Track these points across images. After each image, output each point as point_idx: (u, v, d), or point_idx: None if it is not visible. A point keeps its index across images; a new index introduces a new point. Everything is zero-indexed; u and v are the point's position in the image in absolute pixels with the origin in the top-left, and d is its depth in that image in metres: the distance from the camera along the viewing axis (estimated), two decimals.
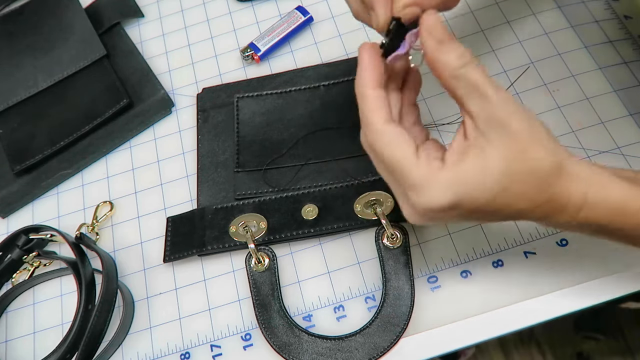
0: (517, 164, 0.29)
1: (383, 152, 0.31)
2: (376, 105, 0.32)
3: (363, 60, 0.33)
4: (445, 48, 0.30)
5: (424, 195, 0.30)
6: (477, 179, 0.29)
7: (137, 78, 0.59)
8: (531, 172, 0.29)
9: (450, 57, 0.30)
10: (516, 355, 1.07)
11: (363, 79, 0.33)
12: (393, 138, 0.31)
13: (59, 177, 0.56)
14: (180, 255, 0.49)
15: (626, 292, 0.42)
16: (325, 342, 0.43)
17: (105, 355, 0.46)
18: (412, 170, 0.30)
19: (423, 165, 0.30)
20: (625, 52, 0.51)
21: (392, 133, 0.31)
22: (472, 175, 0.29)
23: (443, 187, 0.30)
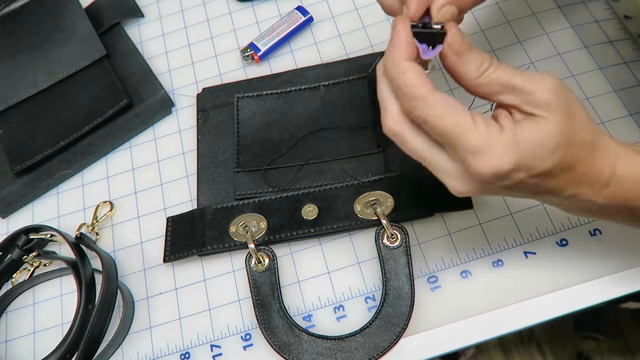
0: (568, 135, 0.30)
1: (438, 121, 0.30)
2: (419, 76, 0.31)
3: (399, 31, 0.32)
4: (464, 61, 0.31)
5: (486, 159, 0.29)
6: (538, 143, 0.30)
7: (137, 78, 0.59)
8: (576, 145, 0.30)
9: (470, 67, 0.31)
10: (516, 355, 1.07)
11: (399, 50, 0.31)
12: (447, 106, 0.30)
13: (59, 177, 0.56)
14: (180, 255, 0.49)
15: (626, 292, 0.42)
16: (325, 342, 0.43)
17: (105, 355, 0.46)
18: (472, 135, 0.30)
19: (482, 129, 0.30)
20: (625, 52, 0.51)
21: (445, 101, 0.30)
22: (532, 139, 0.30)
23: (506, 150, 0.29)
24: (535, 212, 0.46)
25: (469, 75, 0.31)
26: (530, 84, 0.30)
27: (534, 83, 0.30)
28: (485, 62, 0.31)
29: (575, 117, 0.30)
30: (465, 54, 0.31)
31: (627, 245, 0.43)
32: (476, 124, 0.30)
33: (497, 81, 0.30)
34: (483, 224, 0.46)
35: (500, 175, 0.30)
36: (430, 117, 0.30)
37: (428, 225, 0.47)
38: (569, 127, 0.30)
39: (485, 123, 0.30)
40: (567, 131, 0.30)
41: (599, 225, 0.45)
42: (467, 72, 0.31)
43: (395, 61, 0.31)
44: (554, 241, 0.45)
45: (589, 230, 0.45)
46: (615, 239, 0.44)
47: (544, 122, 0.30)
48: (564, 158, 0.30)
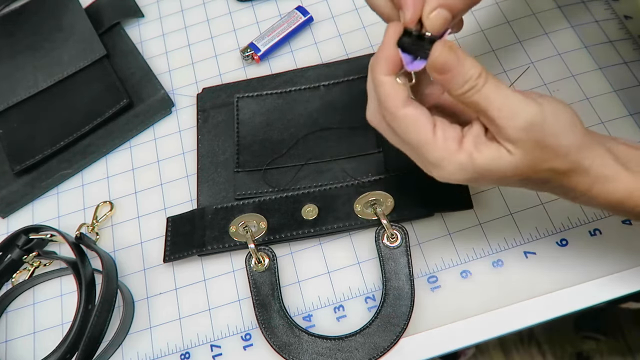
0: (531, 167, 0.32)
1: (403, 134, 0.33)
2: (393, 91, 0.32)
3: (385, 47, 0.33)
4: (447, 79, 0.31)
5: (441, 172, 0.32)
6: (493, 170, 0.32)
7: (137, 78, 0.59)
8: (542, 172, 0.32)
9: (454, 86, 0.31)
10: (516, 355, 1.07)
11: (380, 66, 0.33)
12: (413, 121, 0.32)
13: (59, 177, 0.56)
14: (180, 255, 0.49)
15: (626, 292, 0.42)
16: (325, 342, 0.43)
17: (105, 355, 0.46)
18: (430, 149, 0.32)
19: (440, 144, 0.32)
20: (625, 52, 0.51)
21: (411, 116, 0.32)
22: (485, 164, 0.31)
23: (458, 168, 0.32)
24: (535, 212, 0.46)
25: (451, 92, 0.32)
26: (504, 119, 0.30)
27: (507, 119, 0.30)
28: (469, 83, 0.31)
29: (548, 149, 0.31)
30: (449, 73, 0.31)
31: (627, 245, 0.43)
32: (435, 138, 0.32)
33: (475, 106, 0.31)
34: (483, 224, 0.46)
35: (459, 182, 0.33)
36: (397, 128, 0.33)
37: (428, 225, 0.47)
38: (533, 162, 0.31)
39: (444, 137, 0.32)
40: (529, 165, 0.31)
41: (599, 225, 0.45)
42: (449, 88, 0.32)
43: (375, 72, 0.33)
44: (554, 241, 0.45)
45: (589, 230, 0.45)
46: (615, 239, 0.44)
47: (505, 154, 0.31)
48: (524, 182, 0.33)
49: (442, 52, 0.31)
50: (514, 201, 0.47)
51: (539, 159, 0.31)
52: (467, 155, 0.31)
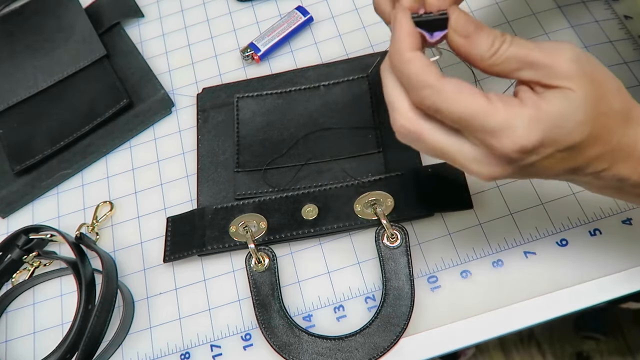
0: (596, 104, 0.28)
1: (452, 107, 0.28)
2: (425, 64, 0.29)
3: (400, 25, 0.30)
4: (473, 42, 0.29)
5: (510, 137, 0.28)
6: (565, 115, 0.28)
7: (137, 78, 0.59)
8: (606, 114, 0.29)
9: (482, 49, 0.29)
10: (516, 355, 1.07)
11: (403, 42, 0.30)
12: (459, 90, 0.28)
13: (59, 177, 0.56)
14: (180, 255, 0.49)
15: (627, 292, 0.42)
16: (325, 342, 0.43)
17: (105, 355, 0.46)
18: (492, 115, 0.28)
19: (500, 107, 0.28)
20: (625, 52, 0.51)
21: (456, 85, 0.29)
22: (558, 111, 0.28)
23: (530, 124, 0.28)
24: (535, 212, 0.46)
25: (481, 57, 0.29)
26: (549, 56, 0.28)
27: (552, 55, 0.28)
28: (497, 40, 0.29)
29: (602, 85, 0.29)
30: (473, 35, 0.29)
31: (627, 245, 0.43)
32: (493, 103, 0.28)
33: (513, 58, 0.29)
34: (483, 224, 0.46)
35: (526, 150, 0.28)
36: (443, 104, 0.29)
37: (428, 225, 0.47)
38: (596, 96, 0.28)
39: (502, 100, 0.28)
40: (594, 100, 0.28)
41: (599, 225, 0.45)
42: (478, 54, 0.29)
43: (400, 52, 0.30)
44: (554, 241, 0.45)
45: (589, 230, 0.45)
46: (615, 239, 0.44)
47: (570, 93, 0.28)
48: (594, 129, 0.28)
49: (460, 14, 0.30)
50: (514, 201, 0.47)
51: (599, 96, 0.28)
52: (535, 108, 0.28)
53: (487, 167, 0.30)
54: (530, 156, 0.29)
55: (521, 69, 0.29)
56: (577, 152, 0.29)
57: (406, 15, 0.31)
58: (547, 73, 0.28)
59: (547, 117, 0.28)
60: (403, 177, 0.48)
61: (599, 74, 0.29)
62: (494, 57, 0.29)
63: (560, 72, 0.28)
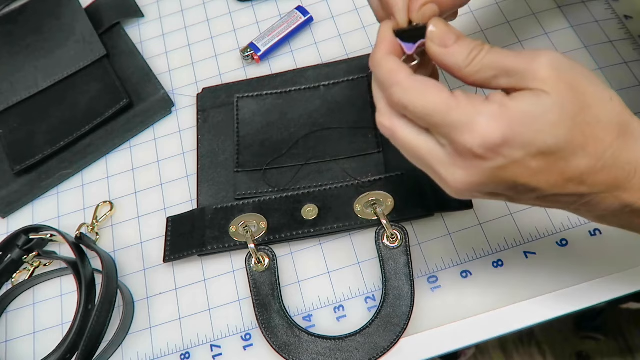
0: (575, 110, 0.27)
1: (417, 103, 0.29)
2: (395, 64, 0.30)
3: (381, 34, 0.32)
4: (450, 51, 0.30)
5: (471, 130, 0.27)
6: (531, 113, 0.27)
7: (137, 78, 0.59)
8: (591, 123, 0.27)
9: (459, 58, 0.30)
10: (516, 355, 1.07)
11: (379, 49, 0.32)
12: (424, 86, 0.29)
13: (59, 177, 0.56)
14: (180, 255, 0.49)
15: (626, 292, 0.42)
16: (325, 342, 0.43)
17: (105, 355, 0.46)
18: (454, 110, 0.28)
19: (463, 102, 0.28)
20: (625, 52, 0.51)
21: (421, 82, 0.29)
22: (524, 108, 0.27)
23: (491, 118, 0.27)
24: (535, 212, 0.46)
25: (458, 66, 0.30)
26: (525, 62, 0.28)
27: (529, 61, 0.28)
28: (475, 50, 0.29)
29: (585, 93, 0.27)
30: (450, 45, 0.30)
31: (627, 245, 0.44)
32: (456, 98, 0.28)
33: (489, 66, 0.29)
34: (483, 224, 0.46)
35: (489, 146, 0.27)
36: (408, 101, 0.29)
37: (428, 225, 0.47)
38: (577, 103, 0.27)
39: (467, 96, 0.28)
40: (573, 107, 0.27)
41: (599, 225, 0.45)
42: (455, 63, 0.30)
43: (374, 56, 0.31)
44: (554, 241, 0.45)
45: (589, 230, 0.45)
46: (615, 239, 0.44)
47: (542, 95, 0.27)
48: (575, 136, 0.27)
49: (438, 23, 0.30)
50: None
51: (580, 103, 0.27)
52: (500, 104, 0.27)
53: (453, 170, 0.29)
54: (497, 156, 0.27)
55: (497, 77, 0.29)
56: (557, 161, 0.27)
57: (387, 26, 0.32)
58: (521, 77, 0.28)
59: (511, 114, 0.27)
60: (403, 177, 0.48)
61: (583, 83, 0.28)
62: (470, 65, 0.29)
63: (535, 76, 0.27)
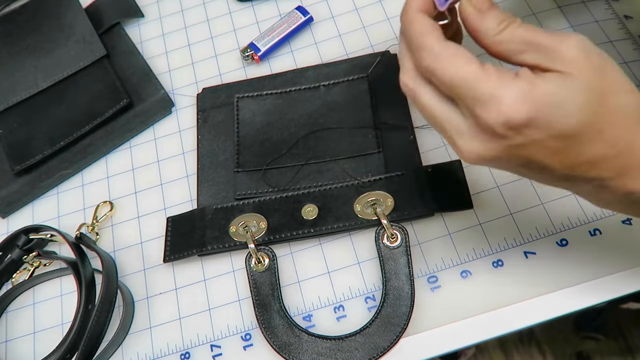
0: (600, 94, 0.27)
1: (445, 71, 0.28)
2: (427, 26, 0.29)
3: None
4: (484, 17, 0.29)
5: (496, 106, 0.26)
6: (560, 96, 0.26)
7: (137, 78, 0.59)
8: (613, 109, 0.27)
9: (490, 24, 0.29)
10: (516, 355, 1.07)
11: (412, 4, 0.30)
12: (455, 55, 0.28)
13: (59, 177, 0.56)
14: (180, 255, 0.49)
15: (626, 292, 0.42)
16: (325, 342, 0.43)
17: (105, 355, 0.46)
18: (482, 82, 0.27)
19: (493, 76, 0.27)
20: (625, 52, 0.51)
21: (452, 50, 0.28)
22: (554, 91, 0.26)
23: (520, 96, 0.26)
24: (535, 212, 0.46)
25: (489, 32, 0.29)
26: (555, 41, 0.27)
27: (558, 41, 0.27)
28: (506, 20, 0.29)
29: (612, 79, 0.27)
30: (486, 10, 0.29)
31: (627, 245, 0.44)
32: (486, 71, 0.27)
33: (519, 38, 0.28)
34: (483, 224, 0.46)
35: (513, 125, 0.26)
36: (437, 67, 0.28)
37: (428, 225, 0.47)
38: (603, 88, 0.27)
39: (497, 70, 0.27)
40: (599, 91, 0.27)
41: (599, 225, 0.45)
42: (486, 28, 0.29)
43: (406, 12, 0.30)
44: (554, 241, 0.45)
45: (589, 230, 0.45)
46: (615, 239, 0.44)
47: (570, 78, 0.27)
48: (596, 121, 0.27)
49: None
50: (514, 201, 0.47)
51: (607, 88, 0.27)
52: (529, 82, 0.27)
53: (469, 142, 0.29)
54: (518, 136, 0.27)
55: (525, 51, 0.28)
56: (575, 144, 0.27)
57: None
58: (549, 57, 0.27)
59: (540, 94, 0.26)
60: (403, 177, 0.48)
61: (609, 69, 0.28)
62: (501, 34, 0.29)
63: (563, 56, 0.27)
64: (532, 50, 0.28)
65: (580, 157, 0.28)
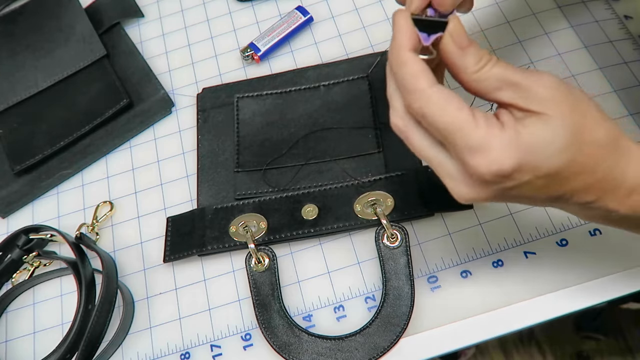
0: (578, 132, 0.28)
1: (436, 117, 0.29)
2: (419, 69, 0.29)
3: (400, 24, 0.31)
4: (464, 54, 0.30)
5: (485, 157, 0.28)
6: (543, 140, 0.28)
7: (137, 78, 0.59)
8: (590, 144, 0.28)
9: (470, 61, 0.30)
10: (516, 355, 1.07)
11: (399, 42, 0.30)
12: (447, 100, 0.29)
13: (59, 177, 0.56)
14: (180, 255, 0.49)
15: (626, 292, 0.42)
16: (325, 342, 0.43)
17: (105, 355, 0.46)
18: (472, 131, 0.28)
19: (482, 125, 0.28)
20: (625, 52, 0.51)
21: (444, 95, 0.29)
22: (536, 136, 0.28)
23: (507, 147, 0.27)
24: (535, 212, 0.46)
25: (468, 69, 0.30)
26: (530, 80, 0.29)
27: (533, 80, 0.29)
28: (485, 57, 0.30)
29: (584, 114, 0.29)
30: (466, 47, 0.30)
31: (627, 245, 0.44)
32: (476, 120, 0.28)
33: (496, 76, 0.29)
34: (483, 224, 0.46)
35: (502, 174, 0.28)
36: (428, 111, 0.29)
37: (428, 225, 0.47)
38: (578, 125, 0.28)
39: (485, 119, 0.28)
40: (576, 128, 0.28)
41: (599, 225, 0.45)
42: (466, 66, 0.30)
43: (396, 52, 0.30)
44: (554, 241, 0.45)
45: (589, 230, 0.45)
46: (615, 239, 0.44)
47: (547, 119, 0.28)
48: (577, 158, 0.28)
49: (458, 22, 0.30)
50: None
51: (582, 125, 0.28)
52: (514, 131, 0.28)
53: (462, 187, 0.30)
54: (507, 181, 0.28)
55: (501, 89, 0.29)
56: (559, 180, 0.29)
57: (406, 14, 0.31)
58: (525, 95, 0.29)
59: (524, 142, 0.28)
60: (403, 177, 0.48)
61: (581, 104, 0.29)
62: (479, 72, 0.30)
63: (539, 95, 0.28)
64: (508, 89, 0.29)
65: (564, 188, 0.29)
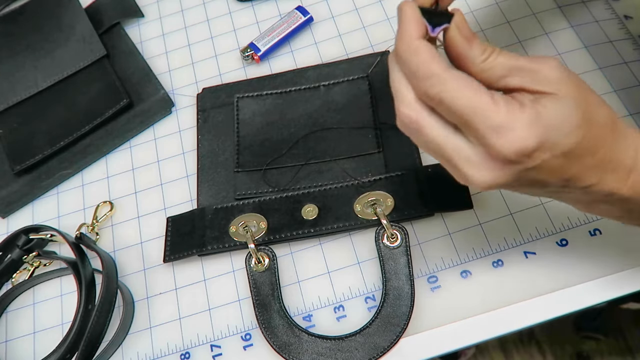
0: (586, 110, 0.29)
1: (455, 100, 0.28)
2: (434, 54, 0.29)
3: (406, 14, 0.30)
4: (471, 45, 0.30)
5: (510, 136, 0.28)
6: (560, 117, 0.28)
7: (137, 78, 0.59)
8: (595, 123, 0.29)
9: (476, 52, 0.30)
10: (516, 355, 1.07)
11: (409, 31, 0.30)
12: (465, 83, 0.29)
13: (59, 177, 0.56)
14: (180, 255, 0.49)
15: (626, 292, 0.42)
16: (325, 342, 0.43)
17: (105, 355, 0.46)
18: (493, 113, 0.28)
19: (503, 106, 0.28)
20: (625, 52, 0.51)
21: (461, 78, 0.29)
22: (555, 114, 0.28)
23: (530, 125, 0.28)
24: (535, 212, 0.46)
25: (475, 59, 0.30)
26: (536, 64, 0.29)
27: (539, 63, 0.29)
28: (489, 48, 0.30)
29: (587, 93, 0.30)
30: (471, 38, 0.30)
31: (627, 245, 0.44)
32: (495, 102, 0.28)
33: (502, 64, 0.30)
34: (483, 224, 0.46)
35: (525, 153, 0.28)
36: (446, 95, 0.28)
37: (428, 225, 0.47)
38: (584, 102, 0.29)
39: (505, 100, 0.29)
40: (583, 106, 0.29)
41: (599, 225, 0.45)
42: (473, 56, 0.30)
43: (407, 40, 0.30)
44: (554, 241, 0.45)
45: (589, 230, 0.45)
46: (615, 239, 0.44)
47: (560, 98, 0.29)
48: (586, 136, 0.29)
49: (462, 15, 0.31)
50: (514, 201, 0.47)
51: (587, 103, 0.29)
52: (534, 111, 0.28)
53: (482, 171, 0.30)
54: (528, 161, 0.29)
55: (509, 75, 0.30)
56: (573, 159, 0.29)
57: (412, 5, 0.31)
58: (533, 78, 0.29)
59: (545, 121, 0.28)
60: (403, 177, 0.48)
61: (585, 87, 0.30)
62: (486, 61, 0.30)
63: (547, 77, 0.29)
64: (515, 74, 0.30)
65: (574, 168, 0.30)
